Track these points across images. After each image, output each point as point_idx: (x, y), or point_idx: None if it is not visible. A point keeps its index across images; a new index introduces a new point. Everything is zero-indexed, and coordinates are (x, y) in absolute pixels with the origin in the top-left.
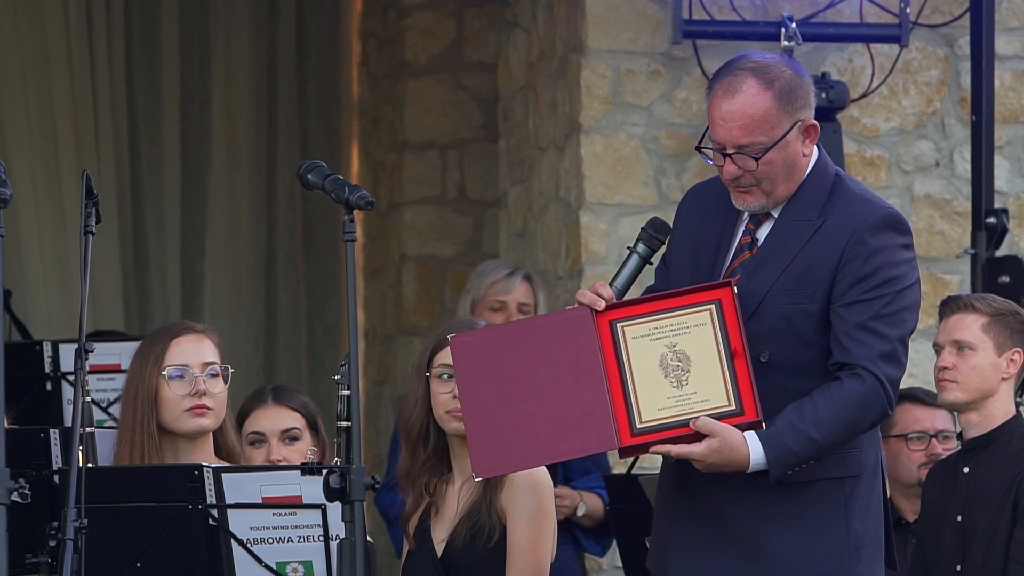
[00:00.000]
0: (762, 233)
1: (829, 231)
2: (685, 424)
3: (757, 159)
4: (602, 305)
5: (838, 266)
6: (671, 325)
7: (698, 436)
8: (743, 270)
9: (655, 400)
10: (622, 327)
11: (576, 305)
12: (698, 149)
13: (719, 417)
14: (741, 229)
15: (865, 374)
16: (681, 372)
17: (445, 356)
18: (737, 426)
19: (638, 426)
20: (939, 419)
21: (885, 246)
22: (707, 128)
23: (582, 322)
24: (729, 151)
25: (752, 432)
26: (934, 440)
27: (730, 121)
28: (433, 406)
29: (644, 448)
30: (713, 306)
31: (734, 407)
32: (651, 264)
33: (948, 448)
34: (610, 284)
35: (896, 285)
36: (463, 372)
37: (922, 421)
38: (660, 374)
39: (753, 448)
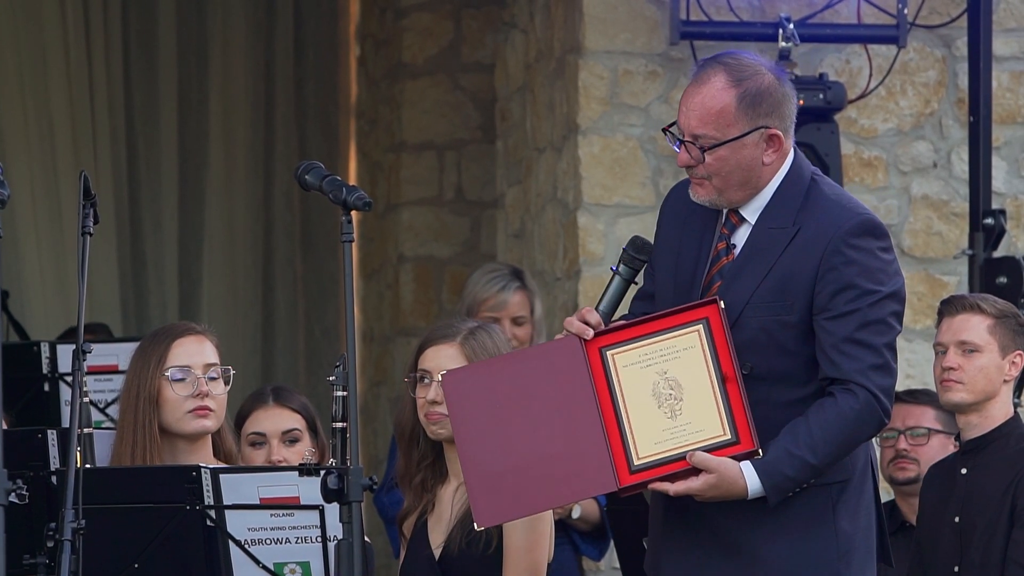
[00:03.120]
0: (738, 238)
1: (805, 240)
2: (682, 458)
3: (703, 151)
4: (591, 334)
5: (816, 276)
6: (660, 350)
7: (696, 469)
8: (721, 277)
9: (650, 434)
10: (612, 355)
11: (564, 334)
12: (664, 131)
13: (715, 448)
14: (718, 233)
15: (858, 389)
16: (674, 401)
17: (424, 360)
18: (734, 456)
19: (635, 463)
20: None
21: (864, 253)
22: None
23: (572, 353)
24: (684, 138)
25: (748, 463)
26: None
27: (690, 110)
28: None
29: (643, 486)
30: (701, 326)
31: (729, 436)
32: (636, 284)
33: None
34: (596, 308)
35: (879, 292)
36: (456, 409)
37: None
38: (653, 404)
39: (750, 479)
